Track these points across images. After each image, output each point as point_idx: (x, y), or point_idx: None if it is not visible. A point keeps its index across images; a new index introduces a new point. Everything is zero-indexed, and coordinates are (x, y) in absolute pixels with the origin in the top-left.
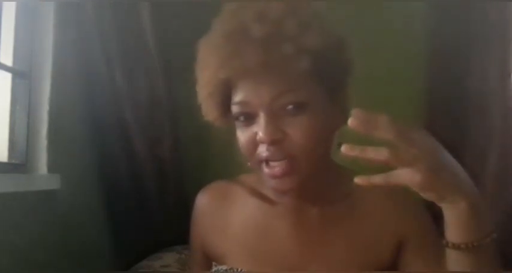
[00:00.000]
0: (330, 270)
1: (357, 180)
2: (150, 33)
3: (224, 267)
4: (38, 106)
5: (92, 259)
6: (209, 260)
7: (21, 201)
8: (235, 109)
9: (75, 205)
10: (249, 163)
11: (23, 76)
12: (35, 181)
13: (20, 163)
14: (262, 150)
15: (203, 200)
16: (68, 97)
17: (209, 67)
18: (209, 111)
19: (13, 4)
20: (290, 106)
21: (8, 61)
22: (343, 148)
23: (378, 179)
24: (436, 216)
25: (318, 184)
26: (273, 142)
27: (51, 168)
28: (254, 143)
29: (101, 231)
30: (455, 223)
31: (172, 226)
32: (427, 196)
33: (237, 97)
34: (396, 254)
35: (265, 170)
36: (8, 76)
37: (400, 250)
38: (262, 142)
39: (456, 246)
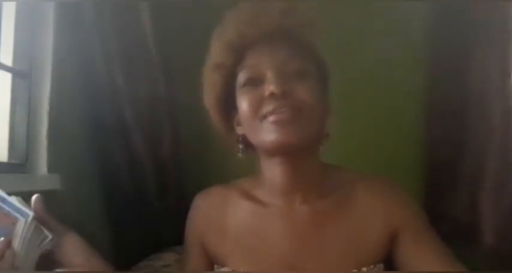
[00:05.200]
0: (326, 267)
1: None
2: (150, 33)
3: (226, 269)
4: (38, 106)
5: None
6: (207, 258)
7: None
8: (243, 74)
9: (75, 205)
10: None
11: (23, 76)
12: (35, 181)
13: (20, 163)
14: (269, 103)
15: (200, 204)
16: (68, 97)
17: (229, 31)
18: (213, 85)
19: (13, 4)
20: (295, 71)
21: (8, 61)
22: None
23: None
24: (438, 216)
25: (306, 177)
26: (283, 94)
27: (51, 168)
28: (260, 101)
29: (100, 231)
30: None
31: (172, 226)
32: None
33: (248, 61)
34: (390, 246)
35: (271, 119)
36: (8, 76)
37: (394, 241)
38: (273, 94)
39: None
